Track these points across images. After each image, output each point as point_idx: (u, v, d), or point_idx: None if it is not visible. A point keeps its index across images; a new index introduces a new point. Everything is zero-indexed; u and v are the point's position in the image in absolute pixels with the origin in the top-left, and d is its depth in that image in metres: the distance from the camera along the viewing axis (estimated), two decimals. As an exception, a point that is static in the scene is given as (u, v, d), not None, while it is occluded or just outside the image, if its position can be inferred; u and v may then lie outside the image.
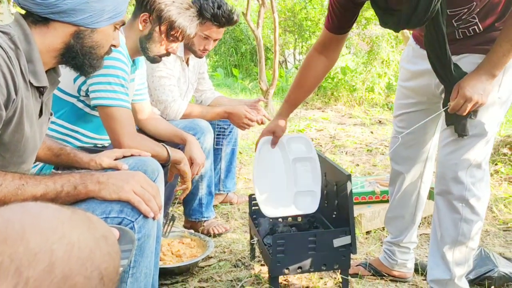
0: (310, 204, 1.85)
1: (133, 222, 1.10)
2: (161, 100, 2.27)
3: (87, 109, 1.70)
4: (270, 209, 1.80)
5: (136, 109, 1.94)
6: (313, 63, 1.72)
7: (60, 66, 1.24)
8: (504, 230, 2.34)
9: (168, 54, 1.86)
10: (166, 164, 1.71)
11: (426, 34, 1.43)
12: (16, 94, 1.02)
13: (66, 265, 0.42)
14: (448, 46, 1.39)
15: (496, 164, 3.22)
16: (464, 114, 1.41)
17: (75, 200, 1.10)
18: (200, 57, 2.44)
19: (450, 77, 1.44)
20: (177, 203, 2.63)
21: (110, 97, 1.61)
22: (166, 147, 1.70)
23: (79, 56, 1.18)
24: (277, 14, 6.28)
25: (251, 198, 2.06)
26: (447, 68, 1.43)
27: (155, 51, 1.81)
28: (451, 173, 1.49)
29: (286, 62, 10.18)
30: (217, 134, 2.60)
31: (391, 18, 1.43)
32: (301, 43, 8.62)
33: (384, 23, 1.48)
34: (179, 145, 1.97)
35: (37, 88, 1.13)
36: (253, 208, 2.06)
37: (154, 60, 1.85)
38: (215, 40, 2.39)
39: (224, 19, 2.28)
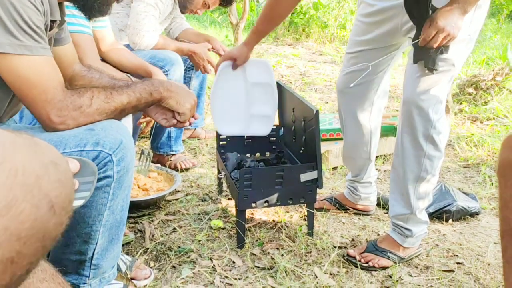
0: (263, 127, 1.93)
1: (110, 155, 1.06)
2: (138, 26, 2.15)
3: None
4: (224, 128, 1.91)
5: (97, 37, 1.83)
6: None
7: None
8: (464, 167, 2.43)
9: None
10: None
11: None
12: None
13: (9, 192, 0.38)
14: None
15: (460, 103, 3.28)
16: (435, 46, 1.39)
17: (150, 106, 1.21)
18: (183, 13, 2.47)
19: (425, 14, 1.40)
20: (142, 137, 2.58)
21: (70, 22, 1.51)
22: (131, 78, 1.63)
23: None
24: None
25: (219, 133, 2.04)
26: (422, 3, 1.39)
27: None
28: (417, 110, 1.49)
29: (257, -5, 9.82)
30: (186, 67, 2.51)
31: None
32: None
33: None
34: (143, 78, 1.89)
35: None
36: (220, 143, 2.04)
37: None
38: (205, 10, 2.46)
39: (226, 4, 2.46)
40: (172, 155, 2.33)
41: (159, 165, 2.18)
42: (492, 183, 2.17)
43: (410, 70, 1.51)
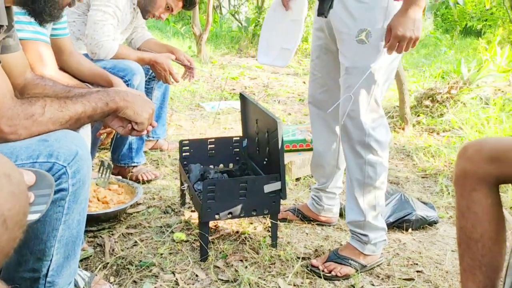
0: (283, 60, 1.91)
1: (65, 167, 1.01)
2: (95, 36, 2.10)
3: None
4: (260, 57, 1.96)
5: (56, 46, 1.78)
6: None
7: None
8: (422, 177, 2.50)
9: None
10: None
11: None
12: None
13: None
14: None
15: (418, 116, 3.38)
16: (403, 52, 1.43)
17: (106, 116, 1.16)
18: (146, 18, 2.42)
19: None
20: (103, 149, 2.52)
21: (27, 29, 1.46)
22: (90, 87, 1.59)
23: (41, 0, 1.07)
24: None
25: (182, 144, 2.01)
26: None
27: None
28: (350, 119, 1.55)
29: (220, 7, 9.86)
30: (148, 77, 2.48)
31: None
32: (236, -13, 8.35)
33: None
34: (103, 87, 1.85)
35: None
36: (183, 154, 2.02)
37: None
38: (168, 14, 2.41)
39: (189, 5, 2.39)
40: (134, 166, 2.28)
41: (120, 177, 2.13)
42: (449, 193, 2.25)
43: (341, 81, 1.57)
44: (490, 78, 3.82)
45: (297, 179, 2.40)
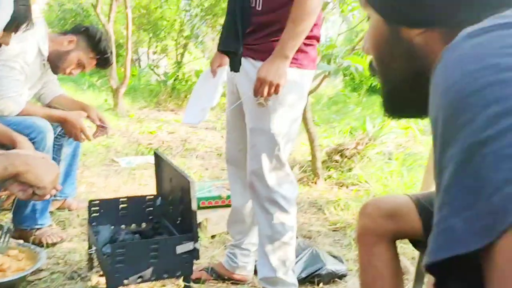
0: (194, 117, 1.93)
1: None
2: (1, 93, 1.99)
3: None
4: (184, 118, 1.97)
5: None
6: None
7: None
8: (333, 230, 2.60)
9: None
10: None
11: None
12: None
13: None
14: None
15: (329, 170, 3.56)
16: (265, 95, 1.52)
17: (5, 181, 1.12)
18: (56, 73, 2.36)
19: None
20: (3, 210, 2.34)
21: None
22: None
23: None
24: (131, 10, 6.05)
25: (91, 204, 1.93)
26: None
27: None
28: (256, 177, 1.62)
29: (139, 60, 9.87)
30: (57, 134, 2.38)
31: None
32: (156, 42, 8.43)
33: None
34: (6, 146, 1.75)
35: None
36: (92, 214, 1.93)
37: None
38: (80, 70, 2.38)
39: (103, 64, 2.38)
40: (37, 229, 2.13)
41: (21, 241, 1.97)
42: (356, 246, 2.35)
43: (248, 141, 1.65)
44: (392, 135, 4.16)
45: (213, 237, 2.38)
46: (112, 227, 1.89)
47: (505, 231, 0.34)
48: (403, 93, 0.70)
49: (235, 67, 1.62)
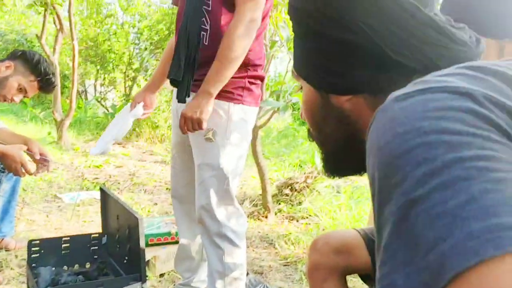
0: (98, 148, 1.87)
1: None
2: None
3: None
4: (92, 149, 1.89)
5: None
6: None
7: None
8: (284, 265, 2.59)
9: None
10: None
11: None
12: None
13: None
14: None
15: (279, 204, 3.57)
16: (186, 131, 1.54)
17: None
18: None
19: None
20: None
21: None
22: None
23: None
24: (77, 42, 5.94)
25: (31, 244, 1.82)
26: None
27: None
28: (206, 212, 1.62)
29: (86, 92, 9.64)
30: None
31: None
32: (104, 74, 8.31)
33: None
34: None
35: None
36: (32, 255, 1.82)
37: None
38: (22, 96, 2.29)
39: (46, 87, 2.28)
40: (-30, 272, 1.97)
41: (-50, 286, 1.82)
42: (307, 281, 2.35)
43: (195, 176, 1.65)
44: (339, 168, 4.26)
45: (161, 275, 2.30)
46: (54, 268, 1.79)
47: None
48: (338, 155, 0.75)
49: (179, 97, 1.64)
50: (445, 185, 0.37)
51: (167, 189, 4.21)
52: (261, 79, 1.67)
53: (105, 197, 1.95)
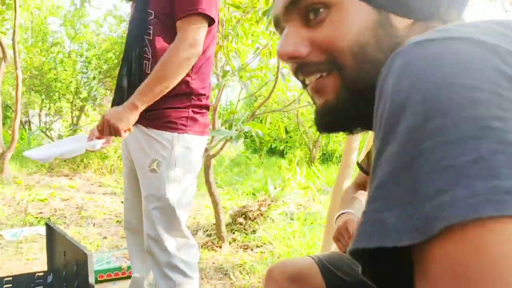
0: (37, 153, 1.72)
1: None
2: None
3: None
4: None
5: None
6: None
7: None
8: (240, 296, 2.55)
9: None
10: None
11: None
12: None
13: None
14: None
15: (233, 233, 3.54)
16: (104, 134, 1.53)
17: None
18: None
19: None
20: None
21: None
22: None
23: None
24: (21, 71, 5.74)
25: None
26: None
27: None
28: (155, 243, 1.60)
29: (29, 123, 9.27)
30: None
31: None
32: (49, 104, 8.04)
33: None
34: None
35: None
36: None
37: None
38: None
39: None
40: None
41: None
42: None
43: (143, 207, 1.63)
44: (293, 195, 4.30)
45: (112, 313, 2.20)
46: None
47: (434, 236, 0.35)
48: (363, 93, 0.57)
49: None
50: (456, 141, 0.37)
51: (117, 221, 4.08)
52: (207, 108, 1.68)
53: (51, 233, 1.85)
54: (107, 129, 1.50)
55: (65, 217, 4.07)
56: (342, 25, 0.57)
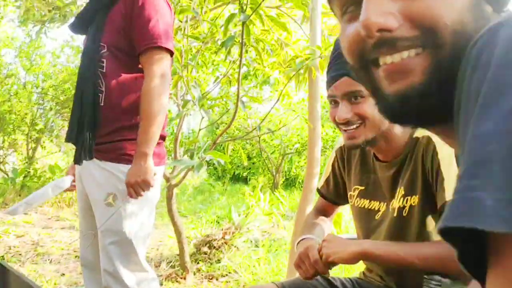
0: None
1: None
2: None
3: None
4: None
5: None
6: None
7: None
8: (205, 328, 2.49)
9: None
10: None
11: None
12: None
13: None
14: None
15: (198, 263, 3.48)
16: (137, 196, 1.53)
17: None
18: None
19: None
20: None
21: None
22: None
23: None
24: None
25: None
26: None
27: None
28: (111, 277, 1.57)
29: (-18, 156, 8.88)
30: None
31: None
32: (3, 137, 7.74)
33: None
34: None
35: None
36: None
37: None
38: None
39: None
40: None
41: None
42: None
43: (100, 242, 1.60)
44: (257, 222, 4.29)
45: None
46: None
47: None
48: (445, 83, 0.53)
49: (75, 157, 1.61)
50: None
51: (75, 256, 3.93)
52: (163, 138, 1.68)
53: (4, 273, 1.76)
54: (138, 190, 1.51)
55: (20, 254, 3.89)
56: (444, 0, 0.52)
